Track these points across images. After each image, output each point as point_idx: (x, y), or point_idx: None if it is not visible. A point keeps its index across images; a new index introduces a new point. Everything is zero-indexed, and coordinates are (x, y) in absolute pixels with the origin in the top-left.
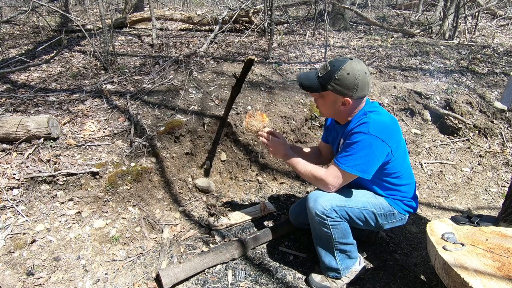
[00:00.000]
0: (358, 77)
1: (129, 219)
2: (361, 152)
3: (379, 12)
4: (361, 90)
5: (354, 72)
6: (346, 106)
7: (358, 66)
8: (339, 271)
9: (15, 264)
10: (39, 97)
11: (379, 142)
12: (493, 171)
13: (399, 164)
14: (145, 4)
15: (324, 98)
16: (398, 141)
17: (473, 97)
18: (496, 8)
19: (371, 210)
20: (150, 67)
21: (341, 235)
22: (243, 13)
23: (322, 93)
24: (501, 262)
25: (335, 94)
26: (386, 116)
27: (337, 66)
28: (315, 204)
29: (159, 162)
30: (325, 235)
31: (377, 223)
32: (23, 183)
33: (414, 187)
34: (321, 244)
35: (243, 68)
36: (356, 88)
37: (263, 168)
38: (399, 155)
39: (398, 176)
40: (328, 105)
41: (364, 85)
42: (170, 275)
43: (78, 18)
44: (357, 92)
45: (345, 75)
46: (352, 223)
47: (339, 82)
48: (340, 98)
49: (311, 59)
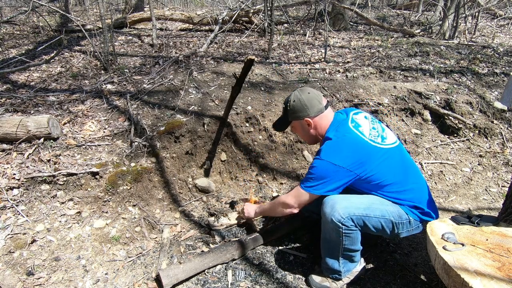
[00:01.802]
0: (302, 99)
1: (129, 219)
2: (316, 175)
3: (379, 12)
4: (312, 107)
5: (297, 97)
6: (311, 126)
7: (299, 92)
8: (341, 273)
9: (15, 264)
10: (39, 97)
11: (331, 167)
12: (493, 171)
13: (385, 172)
14: (145, 4)
15: (295, 128)
16: (361, 156)
17: (473, 97)
18: (496, 8)
19: (389, 219)
20: (150, 67)
21: (351, 243)
22: (243, 13)
23: (292, 126)
24: (501, 262)
25: (297, 121)
26: (347, 134)
27: (287, 101)
28: (332, 211)
29: (159, 162)
30: (335, 241)
31: (393, 231)
32: (23, 183)
33: (422, 191)
34: (328, 247)
35: (243, 68)
36: (306, 107)
37: (263, 168)
38: (375, 166)
39: (390, 183)
40: (302, 133)
41: (312, 101)
42: (170, 275)
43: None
44: (309, 110)
45: (293, 104)
46: (367, 230)
47: (292, 110)
48: (302, 121)
49: (311, 59)
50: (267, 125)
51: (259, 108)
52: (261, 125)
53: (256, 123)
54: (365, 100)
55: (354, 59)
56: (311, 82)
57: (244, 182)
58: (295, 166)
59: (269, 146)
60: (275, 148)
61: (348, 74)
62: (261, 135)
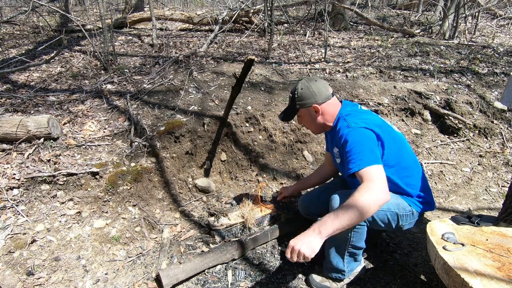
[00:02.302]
0: (310, 86)
1: (129, 219)
2: (358, 146)
3: (379, 12)
4: (320, 93)
5: (305, 85)
6: (319, 113)
7: (307, 80)
8: (344, 273)
9: (15, 264)
10: (39, 97)
11: (363, 130)
12: (493, 171)
13: (399, 153)
14: (145, 4)
15: (302, 117)
16: (380, 126)
17: (473, 97)
18: (496, 8)
19: (395, 212)
20: (150, 67)
21: (358, 239)
22: (243, 13)
23: (298, 114)
24: (501, 262)
25: (304, 108)
26: (361, 112)
27: (294, 90)
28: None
29: (159, 162)
30: (343, 237)
31: (397, 224)
32: (23, 183)
33: (425, 181)
34: (334, 245)
35: (243, 68)
36: (314, 93)
37: (263, 168)
38: (391, 141)
39: (404, 167)
40: (309, 121)
41: (320, 88)
42: (170, 275)
43: (78, 18)
44: (318, 96)
45: (301, 91)
46: (375, 225)
47: (300, 97)
48: (310, 109)
49: (311, 59)
50: (267, 125)
51: (259, 108)
52: (261, 125)
53: (256, 123)
54: (365, 100)
55: (354, 59)
56: None
57: (244, 182)
58: (295, 166)
59: (269, 146)
60: (275, 148)
61: (348, 74)
62: (261, 135)
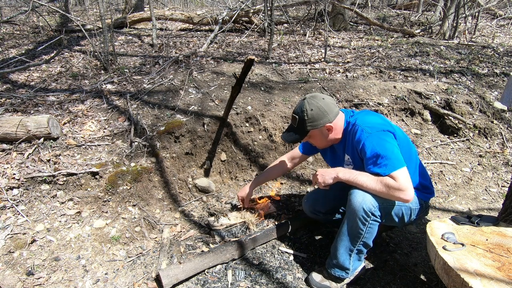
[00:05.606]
0: (321, 106)
1: (129, 219)
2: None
3: (379, 12)
4: (331, 111)
5: (314, 105)
6: (331, 131)
7: (313, 99)
8: (348, 271)
9: (15, 264)
10: (39, 97)
11: (381, 133)
12: (493, 171)
13: (409, 148)
14: (145, 4)
15: (312, 137)
16: (390, 124)
17: (473, 97)
18: (496, 8)
19: (408, 206)
20: (150, 67)
21: (370, 236)
22: (243, 13)
23: (308, 135)
24: (501, 262)
25: (317, 129)
26: (366, 114)
27: (301, 111)
28: (364, 200)
29: (159, 162)
30: (356, 233)
31: (410, 218)
32: (23, 183)
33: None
34: (345, 241)
35: (243, 68)
36: (326, 113)
37: (263, 168)
38: (402, 135)
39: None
40: (320, 139)
41: (329, 106)
42: (170, 275)
43: (78, 18)
44: (329, 115)
45: (311, 113)
46: (389, 220)
47: (311, 119)
48: (323, 129)
49: (311, 59)
50: (267, 125)
51: (259, 108)
52: (261, 125)
53: (256, 123)
54: (365, 100)
55: (354, 59)
56: (311, 82)
57: (244, 182)
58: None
59: (269, 146)
60: (275, 148)
61: (348, 74)
62: (261, 135)
